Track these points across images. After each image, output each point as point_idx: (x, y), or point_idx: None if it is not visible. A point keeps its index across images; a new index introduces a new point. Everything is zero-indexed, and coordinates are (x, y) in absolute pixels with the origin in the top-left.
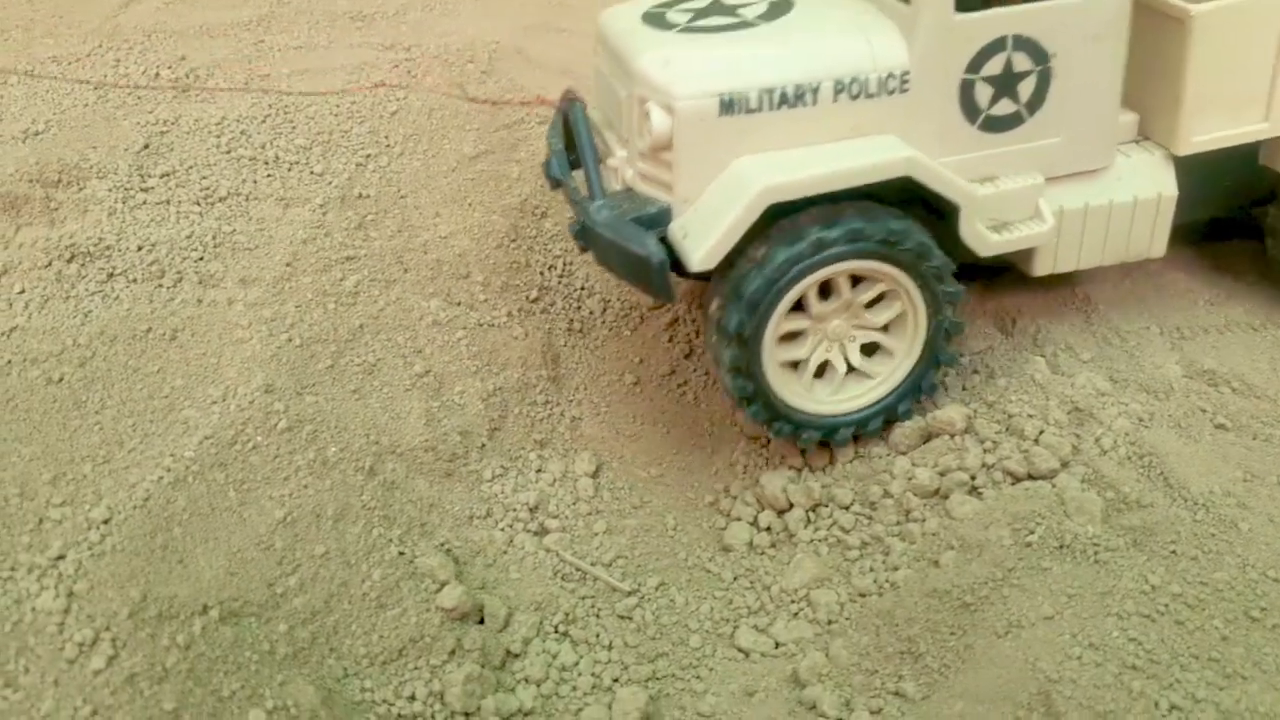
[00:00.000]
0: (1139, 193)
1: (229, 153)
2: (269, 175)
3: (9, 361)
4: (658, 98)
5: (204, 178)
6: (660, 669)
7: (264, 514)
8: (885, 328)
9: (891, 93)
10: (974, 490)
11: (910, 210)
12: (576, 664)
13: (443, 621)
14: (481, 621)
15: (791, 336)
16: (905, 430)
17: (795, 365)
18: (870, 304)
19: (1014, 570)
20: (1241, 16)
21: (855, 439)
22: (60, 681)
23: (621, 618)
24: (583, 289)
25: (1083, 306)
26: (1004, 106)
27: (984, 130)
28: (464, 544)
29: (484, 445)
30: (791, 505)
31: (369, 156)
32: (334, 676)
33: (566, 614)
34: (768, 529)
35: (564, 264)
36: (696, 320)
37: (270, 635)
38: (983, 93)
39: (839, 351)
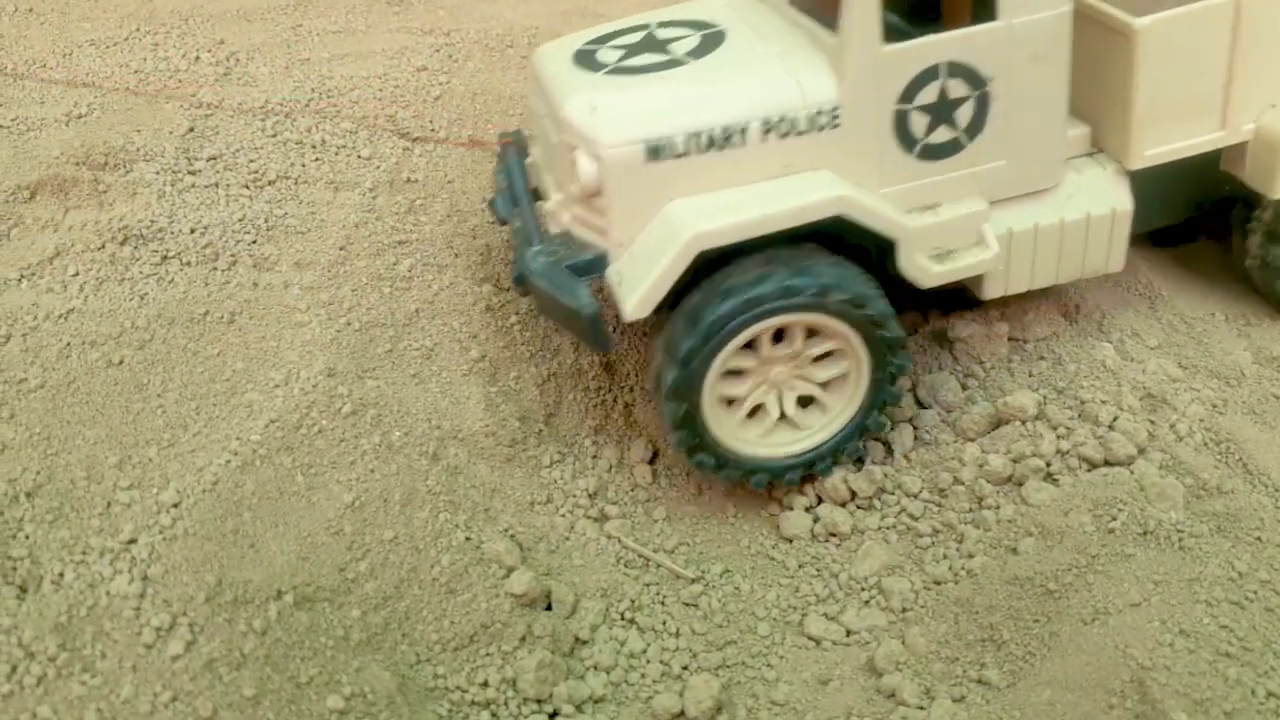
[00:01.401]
0: (1092, 209)
1: (274, 136)
2: (317, 159)
3: (68, 344)
4: (585, 146)
5: (251, 161)
6: (730, 656)
7: (332, 498)
8: (826, 383)
9: (822, 129)
10: (1049, 477)
11: (860, 241)
12: (645, 651)
13: (512, 608)
14: (549, 608)
15: (735, 373)
16: (974, 417)
17: (732, 402)
18: (820, 358)
19: (1097, 557)
20: (1188, 26)
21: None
22: (139, 667)
23: (687, 605)
24: None
25: (1146, 293)
26: (942, 134)
27: (923, 159)
28: (527, 530)
29: (541, 431)
30: (854, 495)
31: (415, 141)
32: (407, 662)
33: (632, 601)
34: (830, 519)
35: None
36: None
37: (344, 621)
38: (918, 122)
39: (775, 397)
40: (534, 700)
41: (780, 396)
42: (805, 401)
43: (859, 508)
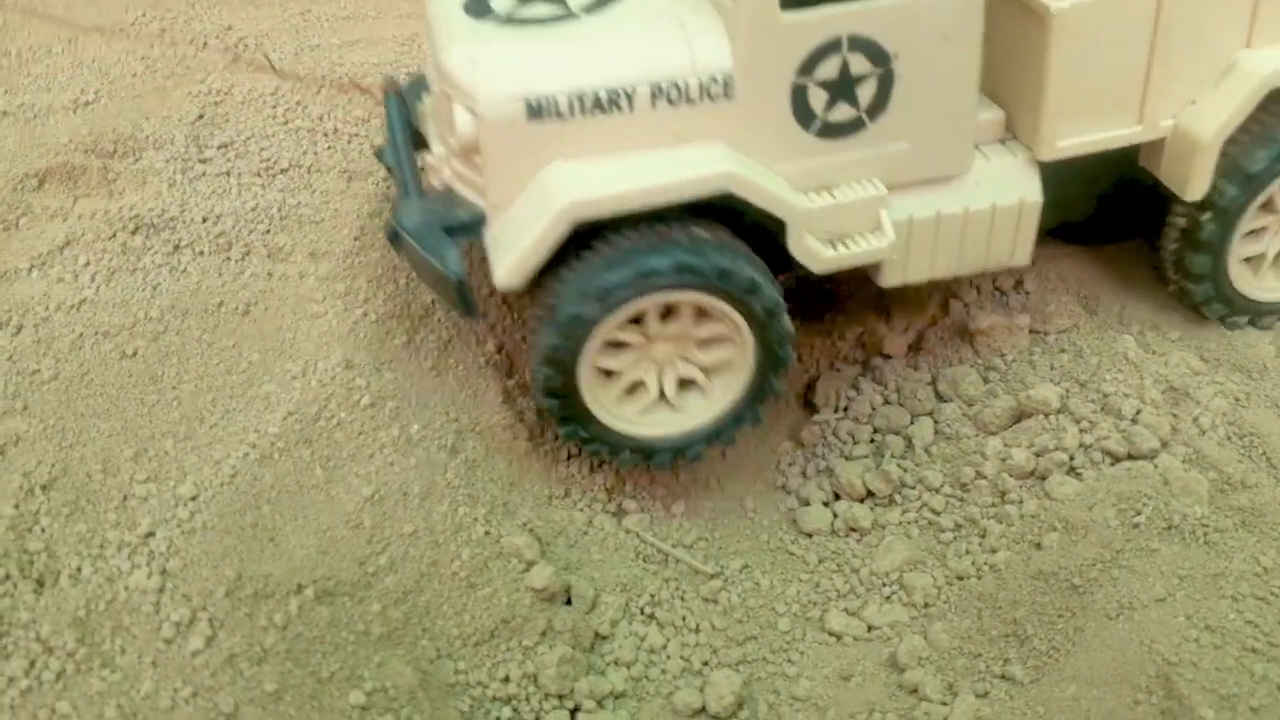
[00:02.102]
0: (998, 200)
1: (286, 124)
2: (329, 147)
3: (80, 335)
4: (463, 99)
5: (263, 149)
6: (750, 652)
7: (351, 491)
8: (710, 368)
9: (715, 98)
10: (1073, 471)
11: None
12: (665, 646)
13: (533, 602)
14: (568, 602)
15: (617, 345)
16: (995, 410)
17: (610, 374)
18: (706, 342)
19: (1122, 552)
20: (1108, 13)
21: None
22: (158, 662)
23: (707, 600)
24: None
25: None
26: (842, 112)
27: (821, 137)
28: (546, 524)
29: None
30: (870, 493)
31: None
32: (428, 657)
33: (652, 596)
34: (850, 514)
35: None
36: None
37: (365, 615)
38: (817, 97)
39: (656, 376)
40: (555, 695)
41: (661, 376)
42: (685, 384)
43: (878, 504)
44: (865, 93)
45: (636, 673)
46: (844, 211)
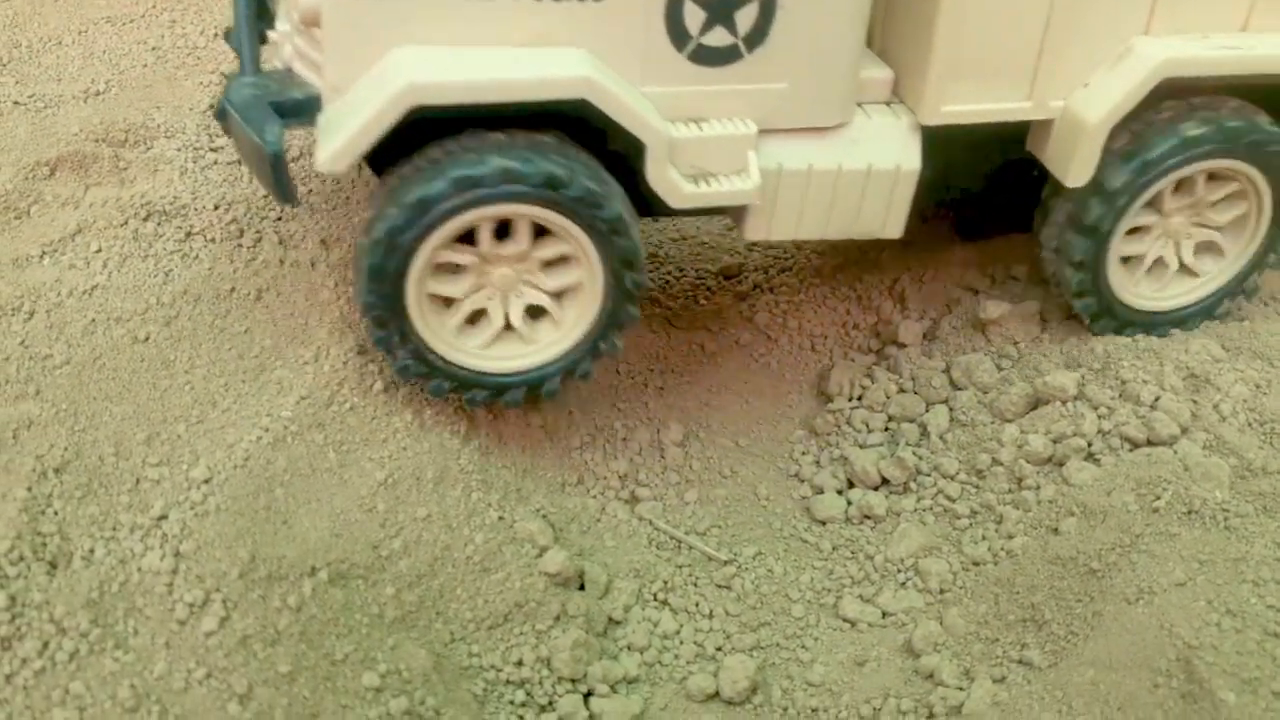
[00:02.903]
0: (874, 161)
1: None
2: None
3: (93, 320)
4: None
5: None
6: (764, 638)
7: (365, 475)
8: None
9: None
10: (1091, 457)
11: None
12: (678, 632)
13: (546, 587)
14: (582, 588)
15: (450, 268)
16: (1012, 398)
17: (450, 303)
18: (553, 264)
19: (1141, 536)
20: None
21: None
22: (171, 643)
23: (720, 587)
24: (654, 257)
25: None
26: (718, 37)
27: (694, 62)
28: (558, 510)
29: (571, 413)
30: (885, 480)
31: None
32: (442, 640)
33: (665, 582)
34: (865, 501)
35: None
36: (775, 288)
37: (378, 598)
38: (693, 16)
39: (500, 304)
40: (569, 679)
41: (505, 303)
42: (536, 312)
43: (893, 492)
44: (745, 19)
45: (650, 658)
46: (710, 146)
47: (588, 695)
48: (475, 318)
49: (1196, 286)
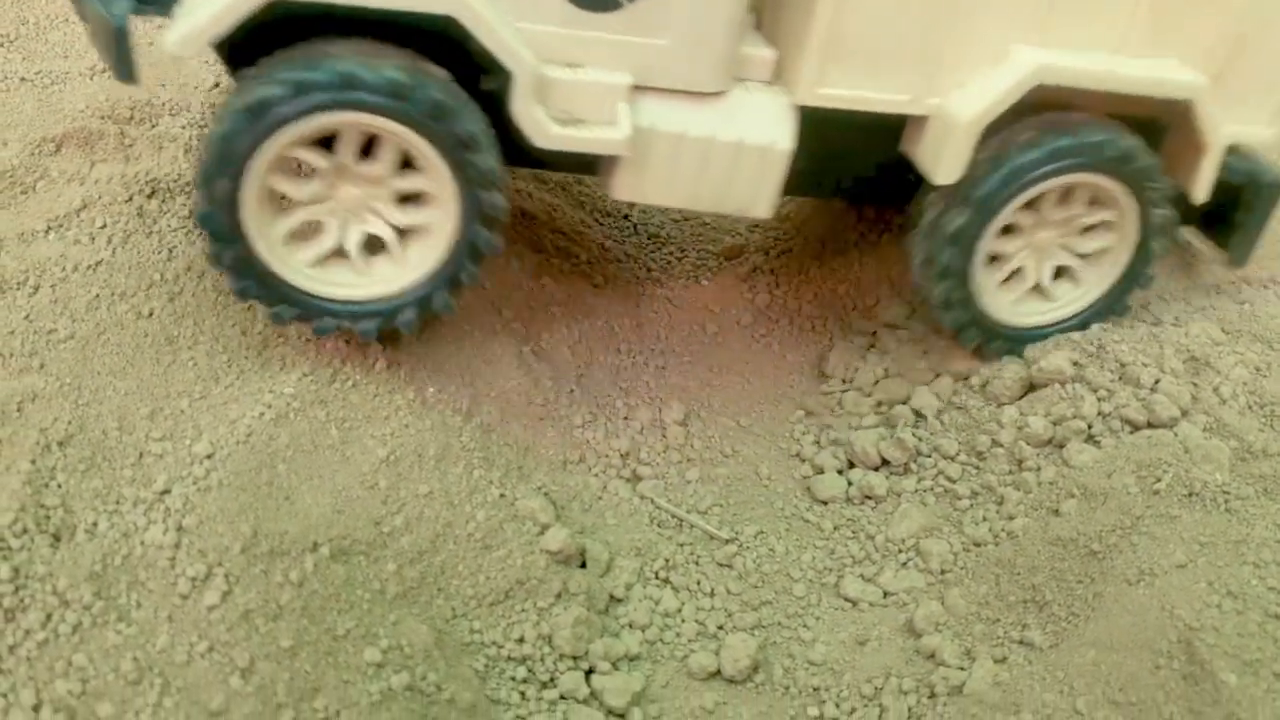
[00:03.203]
0: (746, 136)
1: None
2: None
3: (97, 296)
4: None
5: None
6: (765, 617)
7: (366, 452)
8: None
9: None
10: (1091, 439)
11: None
12: (680, 610)
13: (548, 564)
14: (583, 565)
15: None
16: (1006, 382)
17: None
18: (408, 200)
19: (1142, 518)
20: None
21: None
22: (174, 617)
23: (721, 565)
24: (656, 238)
25: (1185, 255)
26: None
27: (573, 3)
28: (560, 489)
29: (573, 391)
30: (885, 461)
31: None
32: (443, 617)
33: (666, 560)
34: (865, 482)
35: (639, 212)
36: (775, 270)
37: (380, 574)
38: None
39: (340, 224)
40: (570, 656)
41: (346, 226)
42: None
43: (894, 473)
44: None
45: (651, 635)
46: (581, 91)
47: (589, 672)
48: (311, 236)
49: (1056, 307)
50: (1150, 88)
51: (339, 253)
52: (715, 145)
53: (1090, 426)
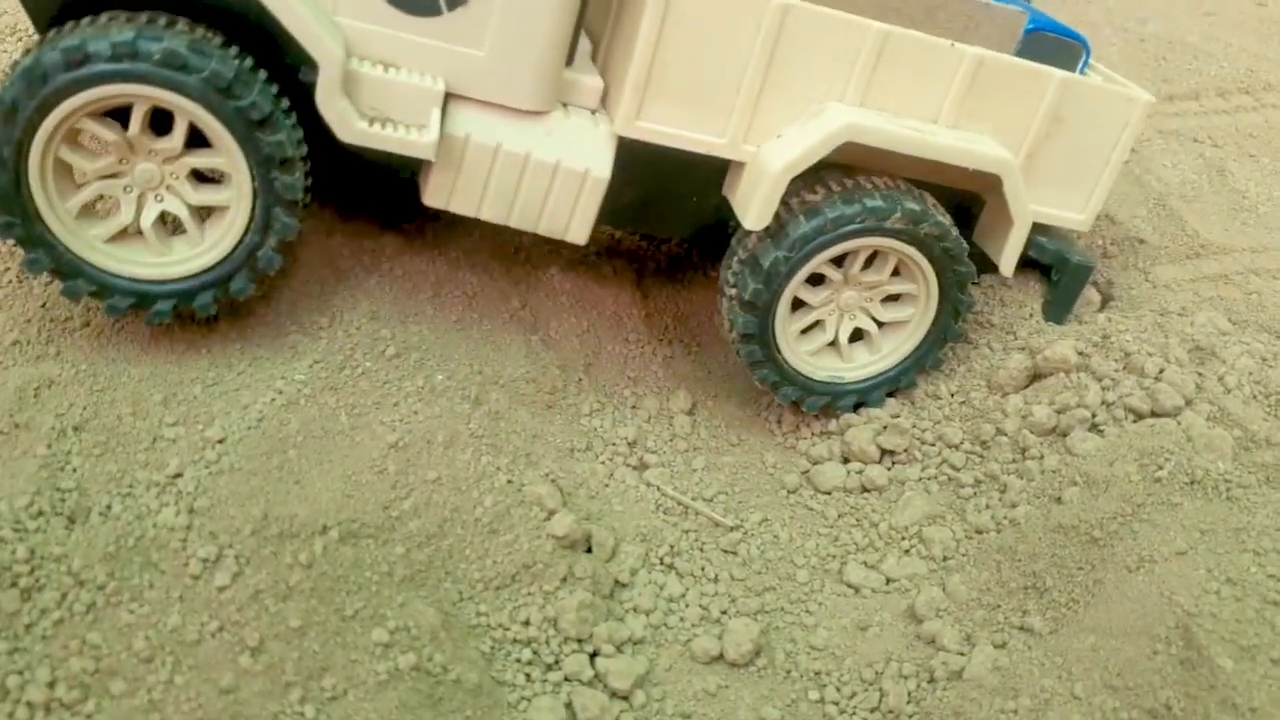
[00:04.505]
0: (564, 159)
1: None
2: None
3: None
4: None
5: None
6: (768, 602)
7: (376, 438)
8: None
9: None
10: (1095, 427)
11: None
12: (684, 595)
13: (554, 549)
14: (589, 551)
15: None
16: (1010, 371)
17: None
18: (206, 179)
19: (1143, 506)
20: (715, 10)
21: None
22: (185, 597)
23: (726, 552)
24: None
25: (1191, 244)
26: None
27: (391, 4)
28: (567, 475)
29: (580, 380)
30: (884, 454)
31: None
32: (450, 599)
33: (671, 546)
34: (867, 474)
35: None
36: None
37: (388, 557)
38: None
39: (136, 200)
40: (575, 640)
41: (141, 202)
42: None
43: (897, 461)
44: None
45: (655, 620)
46: (393, 91)
47: (593, 655)
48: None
49: (852, 367)
50: (958, 157)
51: (138, 229)
52: (531, 163)
53: (1094, 415)
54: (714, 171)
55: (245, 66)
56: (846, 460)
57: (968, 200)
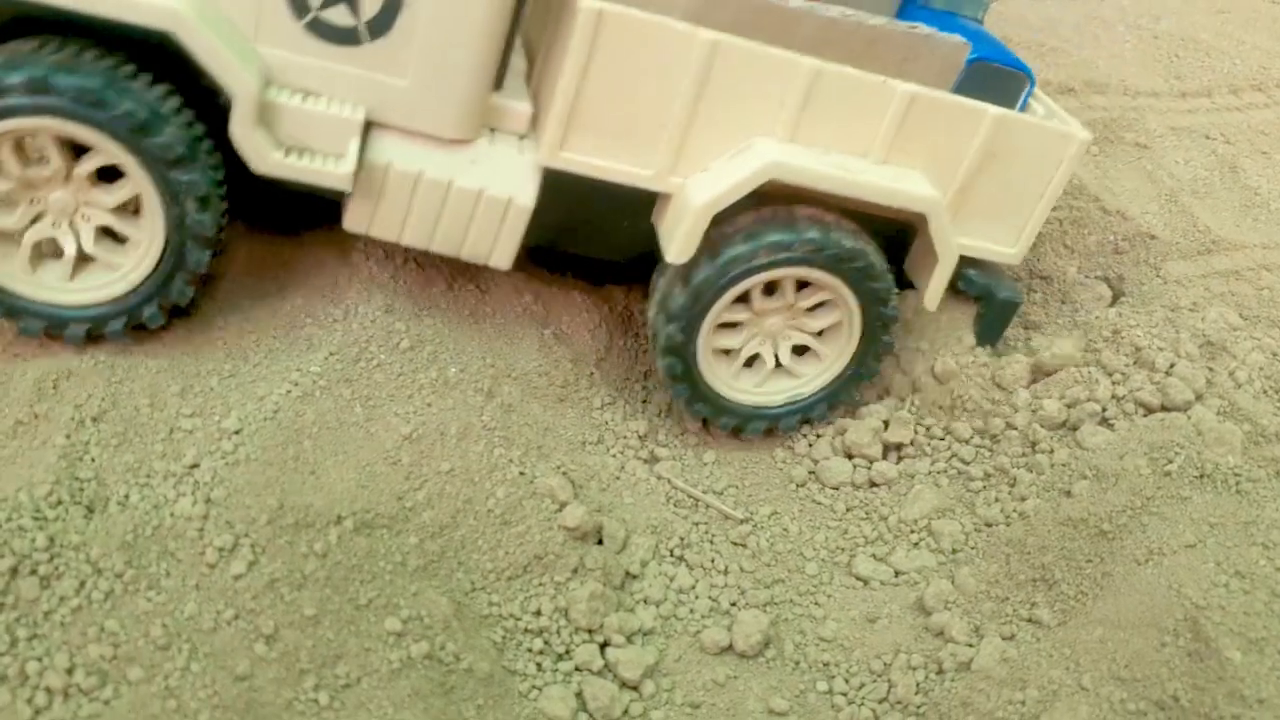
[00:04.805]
0: (487, 187)
1: None
2: None
3: None
4: None
5: None
6: (778, 594)
7: (390, 430)
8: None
9: None
10: (1105, 421)
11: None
12: (694, 587)
13: (565, 540)
14: (600, 542)
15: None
16: (1015, 372)
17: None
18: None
19: (1153, 499)
20: (642, 34)
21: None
22: (201, 585)
23: (735, 544)
24: None
25: (1203, 240)
26: (340, 15)
27: (311, 34)
28: (579, 468)
29: (592, 374)
30: (887, 451)
31: None
32: (462, 589)
33: (681, 539)
34: (877, 469)
35: None
36: None
37: (402, 547)
38: None
39: (68, 232)
40: (585, 630)
41: (56, 228)
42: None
43: (905, 456)
44: (370, 5)
45: (665, 611)
46: (310, 121)
47: (604, 646)
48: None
49: (770, 392)
50: (883, 196)
51: (58, 254)
52: (453, 191)
53: (1104, 409)
54: (646, 196)
55: (162, 104)
56: (850, 456)
57: (908, 229)
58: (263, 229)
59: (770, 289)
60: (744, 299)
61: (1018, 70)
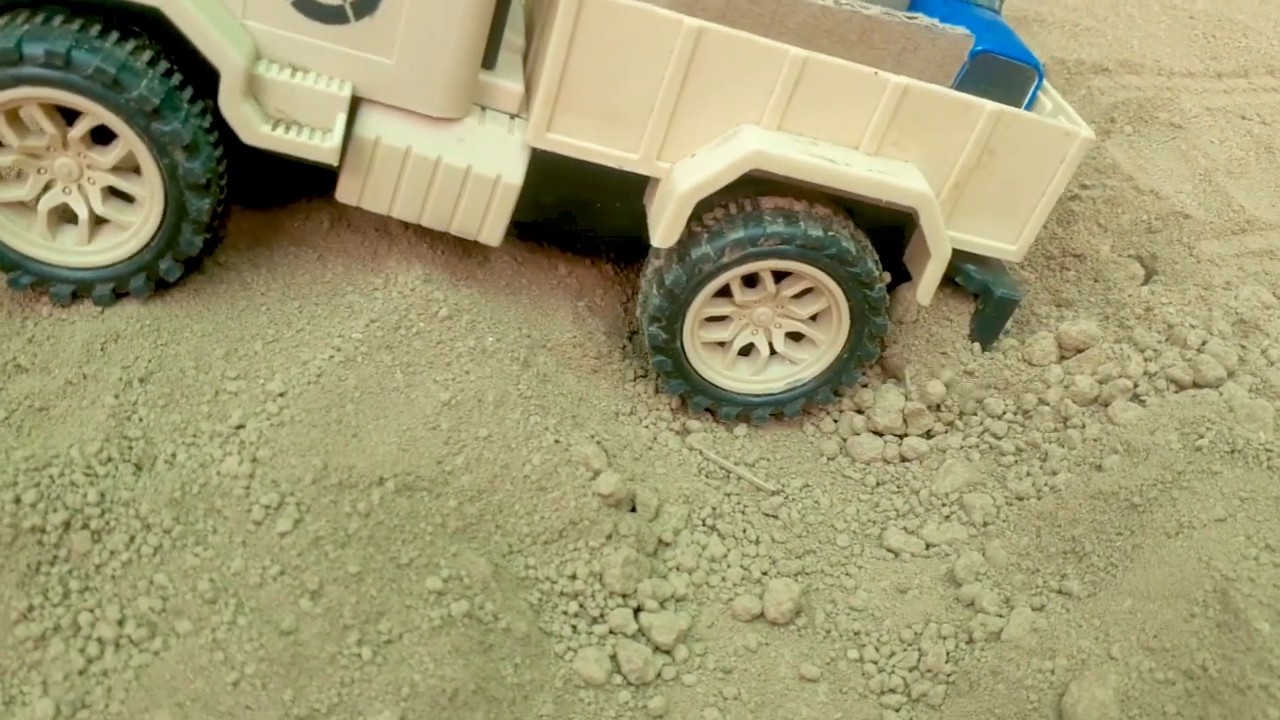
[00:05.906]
0: (476, 165)
1: None
2: None
3: None
4: None
5: None
6: (809, 565)
7: (429, 396)
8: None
9: None
10: (1136, 397)
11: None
12: (726, 555)
13: (600, 507)
14: (633, 510)
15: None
16: (1044, 347)
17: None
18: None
19: (1183, 473)
20: (624, 19)
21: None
22: (248, 542)
23: (767, 515)
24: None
25: (1238, 218)
26: None
27: (299, 11)
28: (612, 438)
29: (625, 347)
30: (914, 425)
31: None
32: (500, 552)
33: (714, 509)
34: (909, 443)
35: None
36: None
37: (442, 509)
38: None
39: (78, 196)
40: (619, 594)
41: (64, 194)
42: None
43: (935, 432)
44: None
45: (698, 579)
46: (298, 96)
47: (637, 610)
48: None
49: (766, 379)
50: (871, 189)
51: (70, 219)
52: (441, 167)
53: (1136, 385)
54: (638, 178)
55: (138, 62)
56: (880, 434)
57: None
58: (302, 199)
59: (753, 281)
60: (726, 293)
61: (1025, 64)
